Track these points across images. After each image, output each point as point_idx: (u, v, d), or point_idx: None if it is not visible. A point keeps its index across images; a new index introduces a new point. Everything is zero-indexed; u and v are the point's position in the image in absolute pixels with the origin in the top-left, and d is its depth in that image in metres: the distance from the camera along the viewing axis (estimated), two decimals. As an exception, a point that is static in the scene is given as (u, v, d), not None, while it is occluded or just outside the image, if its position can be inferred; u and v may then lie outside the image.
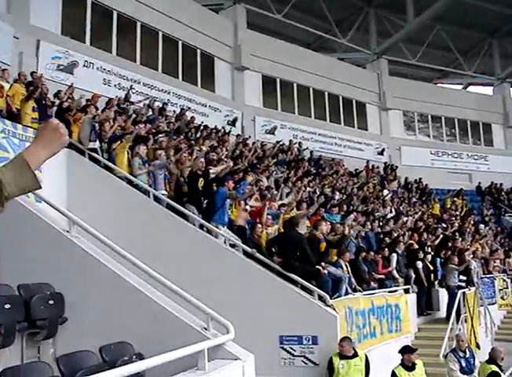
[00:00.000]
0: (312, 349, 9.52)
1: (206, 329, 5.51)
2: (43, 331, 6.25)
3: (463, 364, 9.72)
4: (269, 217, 12.36)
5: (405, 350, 9.10)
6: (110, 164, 11.63)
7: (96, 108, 13.55)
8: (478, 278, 16.68)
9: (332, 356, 9.00)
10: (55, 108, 13.13)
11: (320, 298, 9.75)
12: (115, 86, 19.83)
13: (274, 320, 9.66)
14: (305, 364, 9.57)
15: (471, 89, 38.82)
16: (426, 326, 14.60)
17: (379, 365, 9.80)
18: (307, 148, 24.87)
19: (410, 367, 8.93)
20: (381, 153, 31.13)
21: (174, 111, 19.82)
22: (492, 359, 8.90)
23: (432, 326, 14.55)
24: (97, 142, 12.07)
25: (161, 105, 18.99)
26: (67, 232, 6.94)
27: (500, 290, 18.94)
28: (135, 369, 4.30)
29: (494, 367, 8.56)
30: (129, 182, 11.46)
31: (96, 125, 12.12)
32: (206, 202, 11.78)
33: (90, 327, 6.13)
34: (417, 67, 34.62)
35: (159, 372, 4.69)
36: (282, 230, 11.90)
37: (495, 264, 20.13)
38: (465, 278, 15.55)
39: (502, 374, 8.58)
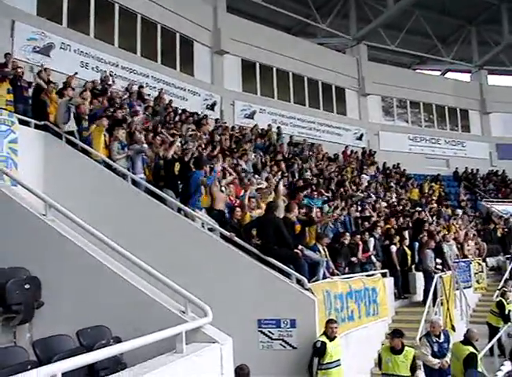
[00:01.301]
0: (290, 333, 9.57)
1: (184, 312, 5.50)
2: (19, 316, 6.19)
3: (435, 349, 9.82)
4: (253, 200, 12.35)
5: (391, 334, 9.21)
6: (87, 147, 11.51)
7: (73, 90, 13.38)
8: (452, 261, 16.88)
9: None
10: (31, 90, 12.95)
11: (298, 281, 9.78)
12: (92, 68, 19.55)
13: (252, 304, 9.69)
14: (284, 347, 9.62)
15: (449, 75, 39.01)
16: (403, 309, 14.74)
17: (357, 348, 9.92)
18: (280, 131, 24.83)
19: (396, 350, 9.00)
20: (359, 138, 31.24)
21: (149, 95, 19.62)
22: (468, 340, 9.02)
23: (409, 309, 14.69)
24: (74, 125, 11.92)
25: (137, 88, 18.79)
26: (44, 215, 6.87)
27: (476, 273, 19.21)
28: (112, 352, 4.28)
29: (471, 349, 8.68)
30: (107, 166, 11.37)
31: (72, 107, 11.96)
32: (181, 186, 11.74)
33: (67, 312, 6.09)
34: (396, 53, 34.68)
35: (136, 355, 4.68)
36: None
37: (469, 247, 20.37)
38: (440, 261, 15.71)
39: (477, 354, 8.71)
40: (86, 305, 5.97)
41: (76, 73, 15.35)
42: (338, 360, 9.06)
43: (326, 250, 12.02)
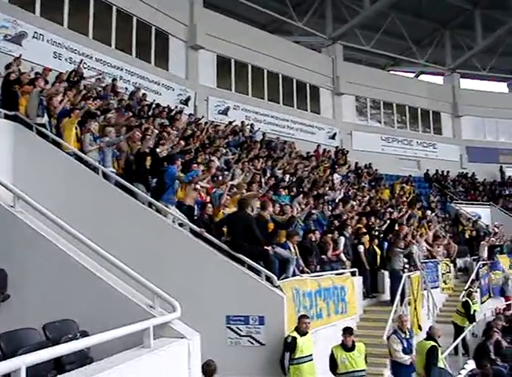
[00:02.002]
0: (258, 330, 9.60)
1: (152, 307, 5.48)
2: (-17, 308, 6.10)
3: (405, 345, 9.99)
4: (228, 197, 12.33)
5: (344, 331, 9.30)
6: (58, 139, 11.35)
7: (46, 82, 13.19)
8: (420, 262, 17.09)
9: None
10: (1, 80, 12.71)
11: (268, 278, 9.82)
12: (66, 59, 19.34)
13: (221, 300, 9.70)
14: (252, 343, 9.65)
15: (423, 77, 39.48)
16: (371, 308, 14.87)
17: (325, 346, 9.96)
18: (259, 129, 24.88)
19: (349, 348, 9.09)
20: (332, 137, 31.42)
21: (126, 88, 19.50)
22: (430, 336, 9.17)
23: (377, 308, 14.83)
24: (46, 117, 11.76)
25: (111, 81, 18.61)
26: (12, 207, 6.77)
27: (443, 274, 19.50)
28: (78, 346, 4.25)
29: (432, 343, 8.83)
30: (78, 158, 11.24)
31: (44, 99, 11.79)
32: (155, 181, 11.67)
33: (34, 305, 6.02)
34: (371, 54, 34.94)
35: (104, 350, 4.64)
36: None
37: (439, 249, 20.64)
38: (407, 261, 15.89)
39: (439, 349, 8.87)
40: (54, 298, 5.91)
41: (50, 70, 15.13)
42: (310, 355, 9.16)
43: (296, 247, 12.05)
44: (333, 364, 9.18)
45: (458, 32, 36.12)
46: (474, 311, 15.27)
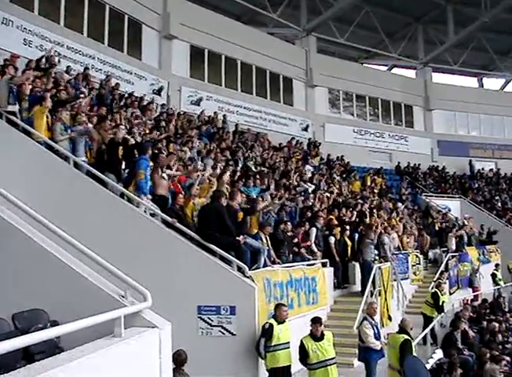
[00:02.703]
0: (229, 320, 9.65)
1: (123, 297, 5.46)
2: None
3: (375, 331, 10.14)
4: (198, 187, 12.31)
5: (313, 321, 9.37)
6: (29, 128, 11.21)
7: (16, 69, 13.00)
8: (391, 253, 17.30)
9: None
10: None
11: (239, 269, 9.86)
12: (36, 47, 19.04)
13: (193, 290, 9.72)
14: (223, 333, 9.70)
15: (395, 71, 39.76)
16: (342, 299, 15.02)
17: (296, 336, 10.03)
18: (226, 118, 24.81)
19: (318, 337, 9.18)
20: (305, 129, 31.51)
21: (95, 77, 19.25)
22: (402, 329, 9.30)
23: (347, 299, 14.98)
24: (16, 105, 11.60)
25: (82, 70, 18.39)
26: (-20, 195, 6.67)
27: (413, 265, 19.76)
28: (47, 336, 4.21)
29: (405, 336, 8.95)
30: (49, 147, 11.11)
31: (14, 87, 11.62)
32: (127, 171, 11.60)
33: (3, 294, 5.95)
34: (344, 47, 35.06)
35: (74, 340, 4.62)
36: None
37: (409, 240, 20.90)
38: (377, 252, 16.08)
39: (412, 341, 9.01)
40: (23, 288, 5.85)
41: (18, 57, 14.88)
42: (287, 342, 9.24)
43: (268, 238, 12.10)
44: (303, 354, 9.25)
45: (430, 27, 36.43)
46: (443, 302, 15.51)
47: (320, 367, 9.05)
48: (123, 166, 11.75)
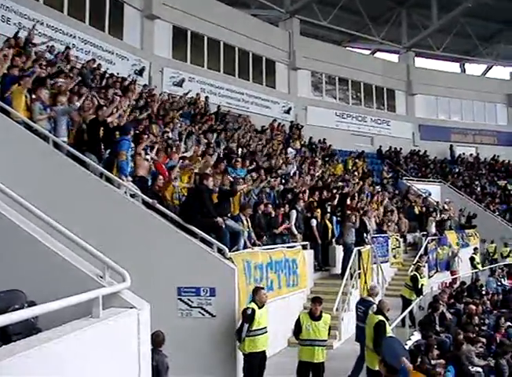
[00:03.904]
0: (209, 301, 9.67)
1: (101, 277, 5.43)
2: None
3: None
4: (178, 170, 12.25)
5: (313, 300, 9.51)
6: (7, 107, 11.02)
7: (-6, 48, 12.77)
8: (370, 236, 17.43)
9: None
10: None
11: (220, 250, 9.86)
12: (14, 24, 18.70)
13: (173, 272, 9.71)
14: (203, 315, 9.72)
15: (378, 55, 39.76)
16: (322, 281, 15.12)
17: (276, 318, 10.11)
18: (207, 100, 24.67)
19: (316, 317, 9.29)
20: (287, 112, 31.48)
21: (77, 57, 19.01)
22: (379, 310, 9.39)
23: (327, 281, 15.08)
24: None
25: (63, 49, 18.12)
26: (-43, 174, 6.58)
27: (393, 249, 19.93)
28: (24, 316, 4.18)
29: (380, 317, 9.04)
30: (28, 127, 10.95)
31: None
32: (108, 151, 11.48)
33: (-21, 275, 5.90)
34: (328, 30, 34.98)
35: (52, 321, 4.59)
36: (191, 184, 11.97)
37: (389, 224, 21.04)
38: (359, 236, 16.16)
39: (387, 323, 9.09)
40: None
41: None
42: (266, 327, 9.26)
43: (248, 220, 12.10)
44: (297, 329, 9.37)
45: (414, 11, 36.48)
46: (422, 285, 15.65)
47: (309, 345, 9.23)
48: (103, 147, 11.62)
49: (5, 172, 8.30)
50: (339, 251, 15.84)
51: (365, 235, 16.75)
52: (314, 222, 15.44)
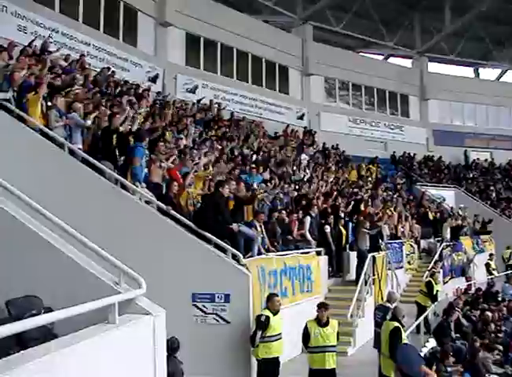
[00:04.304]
0: (224, 307, 9.68)
1: (117, 284, 5.46)
2: None
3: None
4: (193, 176, 12.29)
5: (319, 306, 9.45)
6: (24, 115, 11.13)
7: (11, 57, 12.90)
8: (385, 242, 17.36)
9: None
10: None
11: (234, 256, 9.87)
12: (31, 33, 18.85)
13: (187, 278, 9.73)
14: (217, 321, 9.73)
15: (392, 60, 39.66)
16: (336, 287, 15.06)
17: (289, 324, 10.09)
18: (224, 108, 24.69)
19: (323, 323, 9.25)
20: (301, 118, 31.45)
21: (90, 64, 19.11)
22: (395, 317, 9.34)
23: (341, 287, 15.02)
24: (10, 92, 11.51)
25: (78, 57, 18.24)
26: (-26, 181, 6.63)
27: (407, 255, 19.83)
28: (41, 322, 4.21)
29: (396, 324, 8.99)
30: (43, 134, 11.05)
31: (8, 74, 11.53)
32: (123, 158, 11.56)
33: (-3, 281, 5.95)
34: (341, 35, 34.94)
35: (69, 326, 4.62)
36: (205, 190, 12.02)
37: (403, 230, 20.95)
38: (375, 242, 16.09)
39: (403, 330, 9.04)
40: (17, 274, 5.84)
41: (16, 45, 14.69)
42: (280, 333, 9.26)
43: (262, 226, 12.10)
44: (306, 337, 9.33)
45: (427, 15, 36.30)
46: (437, 291, 15.57)
47: (319, 352, 9.14)
48: (117, 154, 11.69)
49: (22, 179, 8.36)
50: (353, 258, 15.78)
51: (380, 241, 16.68)
52: (328, 228, 15.40)
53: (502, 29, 37.56)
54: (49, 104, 11.63)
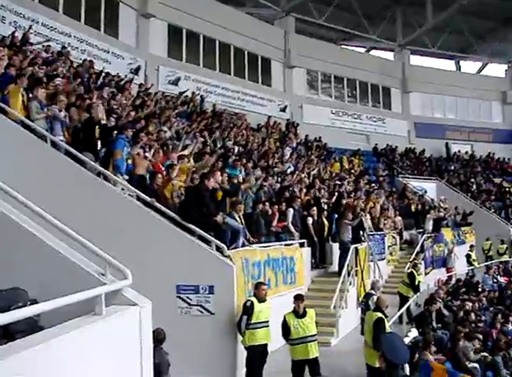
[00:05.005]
0: (208, 299, 9.70)
1: (103, 275, 5.46)
2: None
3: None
4: (175, 167, 12.25)
5: (296, 298, 9.54)
6: (4, 106, 11.02)
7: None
8: (367, 234, 17.47)
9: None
10: None
11: (218, 248, 9.90)
12: (10, 23, 18.66)
13: (171, 270, 9.73)
14: (201, 313, 9.75)
15: (374, 53, 39.78)
16: (319, 279, 15.15)
17: (273, 315, 10.13)
18: (203, 98, 24.62)
19: (300, 314, 9.33)
20: (283, 110, 31.49)
21: (72, 55, 18.94)
22: (378, 307, 9.44)
23: (325, 279, 15.11)
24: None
25: (60, 48, 18.11)
26: (-44, 173, 6.58)
27: (389, 246, 19.99)
28: (29, 313, 4.21)
29: (379, 314, 9.09)
30: (25, 126, 10.95)
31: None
32: (104, 150, 11.51)
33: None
34: (323, 28, 34.96)
35: (55, 319, 4.62)
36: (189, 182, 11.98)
37: (386, 222, 21.09)
38: (356, 234, 16.19)
39: (386, 320, 9.15)
40: (1, 266, 5.81)
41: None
42: (266, 321, 9.39)
43: (242, 217, 12.10)
44: (286, 330, 9.41)
45: (409, 9, 36.39)
46: (419, 282, 15.76)
47: (301, 343, 9.25)
48: (99, 146, 11.64)
49: (4, 171, 8.31)
50: (336, 249, 15.87)
51: (361, 232, 16.78)
52: (310, 220, 15.46)
53: (483, 23, 37.82)
54: (30, 95, 11.52)
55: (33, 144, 10.72)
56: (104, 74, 18.70)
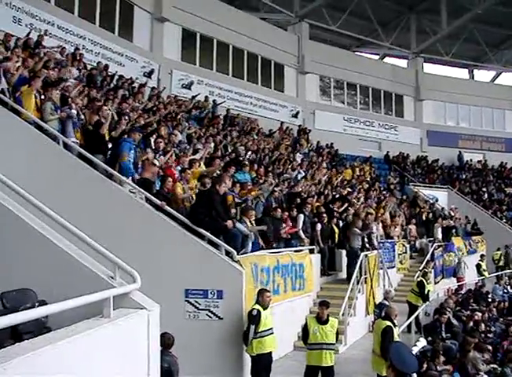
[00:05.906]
0: (217, 303, 9.69)
1: (112, 278, 5.46)
2: None
3: None
4: (189, 172, 12.26)
5: (320, 304, 9.57)
6: (18, 107, 11.07)
7: (7, 49, 12.85)
8: (377, 241, 17.39)
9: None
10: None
11: (227, 253, 9.88)
12: (26, 25, 18.77)
13: (181, 274, 9.73)
14: (210, 317, 9.73)
15: (387, 60, 39.71)
16: (328, 286, 15.09)
17: (281, 321, 10.12)
18: (216, 103, 24.64)
19: (323, 321, 9.32)
20: (295, 116, 31.45)
21: (85, 57, 19.01)
22: (387, 316, 9.39)
23: (333, 286, 15.06)
24: (4, 84, 11.45)
25: (73, 50, 18.18)
26: (-32, 173, 6.60)
27: (399, 254, 19.88)
28: (35, 315, 4.20)
29: (388, 323, 9.05)
30: (38, 127, 10.99)
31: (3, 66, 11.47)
32: (110, 152, 11.50)
33: (-10, 273, 5.92)
34: (337, 34, 34.94)
35: (63, 320, 4.62)
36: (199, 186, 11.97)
37: (396, 229, 20.98)
38: (366, 241, 16.12)
39: (395, 329, 9.10)
40: (11, 267, 5.82)
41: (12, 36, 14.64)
42: (271, 328, 9.33)
43: (253, 223, 12.07)
44: (305, 333, 9.41)
45: (423, 17, 36.38)
46: (428, 291, 15.64)
47: (316, 349, 9.26)
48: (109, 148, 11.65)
49: (16, 172, 8.33)
50: (345, 256, 15.80)
51: (372, 240, 16.71)
52: (319, 226, 15.42)
53: (498, 31, 37.69)
54: (42, 97, 11.57)
55: (45, 145, 10.75)
56: (117, 76, 18.79)
